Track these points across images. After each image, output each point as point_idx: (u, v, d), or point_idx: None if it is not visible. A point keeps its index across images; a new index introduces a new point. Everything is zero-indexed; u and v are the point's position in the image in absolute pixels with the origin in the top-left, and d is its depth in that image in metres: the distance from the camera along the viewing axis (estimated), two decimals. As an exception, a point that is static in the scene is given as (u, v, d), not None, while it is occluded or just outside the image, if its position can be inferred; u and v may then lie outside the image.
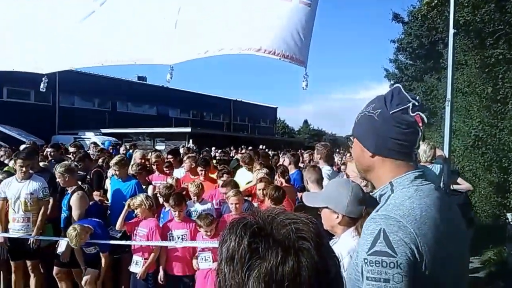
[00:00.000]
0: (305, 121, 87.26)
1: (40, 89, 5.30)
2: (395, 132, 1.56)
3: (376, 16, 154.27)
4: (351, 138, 1.73)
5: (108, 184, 6.73)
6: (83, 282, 5.35)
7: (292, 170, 7.30)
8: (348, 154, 9.19)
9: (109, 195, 6.49)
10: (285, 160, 8.57)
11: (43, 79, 5.32)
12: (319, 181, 4.75)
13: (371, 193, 1.72)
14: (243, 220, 0.95)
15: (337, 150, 27.21)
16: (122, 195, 6.00)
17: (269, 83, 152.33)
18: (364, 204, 2.49)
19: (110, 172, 6.65)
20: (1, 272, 6.27)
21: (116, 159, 6.40)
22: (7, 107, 28.75)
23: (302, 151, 11.83)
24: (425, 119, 1.56)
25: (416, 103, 1.56)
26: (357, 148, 1.69)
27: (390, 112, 1.56)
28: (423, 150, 5.22)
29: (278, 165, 8.00)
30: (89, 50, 4.96)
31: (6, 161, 7.85)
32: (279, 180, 6.41)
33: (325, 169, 5.58)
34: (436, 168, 5.14)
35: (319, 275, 0.89)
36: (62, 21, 5.17)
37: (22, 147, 8.99)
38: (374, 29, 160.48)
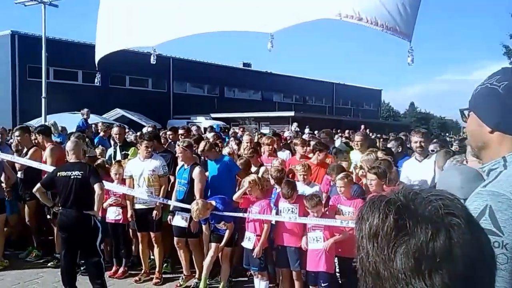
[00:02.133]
0: (412, 104, 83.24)
1: (151, 62, 5.64)
2: None
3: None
4: (466, 112, 1.58)
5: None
6: (221, 258, 5.86)
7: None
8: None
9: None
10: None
11: (153, 51, 5.68)
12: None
13: (480, 168, 1.61)
14: (384, 197, 0.95)
15: (446, 134, 25.63)
16: (217, 174, 6.24)
17: (373, 65, 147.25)
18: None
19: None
20: (134, 241, 6.94)
21: (200, 146, 6.59)
22: (129, 94, 31.40)
23: (407, 134, 11.27)
24: None
25: None
26: (473, 123, 1.54)
27: None
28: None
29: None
30: (191, 19, 5.04)
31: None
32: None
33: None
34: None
35: (473, 251, 0.87)
36: None
37: (144, 130, 9.89)
38: (490, 4, 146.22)
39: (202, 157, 6.83)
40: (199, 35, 5.32)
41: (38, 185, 5.54)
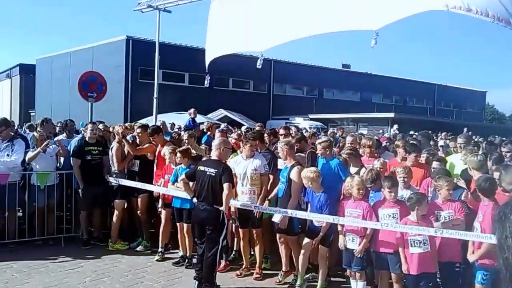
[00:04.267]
0: (519, 106, 75.96)
1: (257, 66, 5.75)
2: None
3: None
4: None
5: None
6: (319, 258, 5.99)
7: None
8: None
9: None
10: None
11: (260, 56, 5.82)
12: None
13: None
14: None
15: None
16: (329, 173, 6.22)
17: (478, 65, 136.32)
18: None
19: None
20: (235, 238, 7.22)
21: (322, 139, 6.71)
22: (232, 95, 32.43)
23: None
24: None
25: None
26: None
27: None
28: None
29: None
30: (295, 24, 5.14)
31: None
32: None
33: None
34: None
35: None
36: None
37: (243, 128, 10.15)
38: None
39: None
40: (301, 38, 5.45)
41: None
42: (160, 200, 7.42)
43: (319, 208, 5.80)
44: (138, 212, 7.91)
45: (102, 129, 9.12)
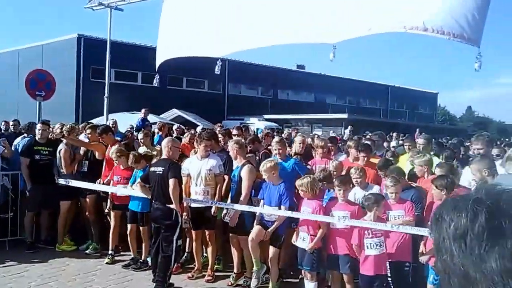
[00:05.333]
0: (469, 108, 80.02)
1: (215, 72, 5.79)
2: None
3: None
4: None
5: None
6: (269, 260, 5.94)
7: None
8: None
9: None
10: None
11: (218, 62, 5.86)
12: None
13: None
14: (467, 196, 0.91)
15: (507, 139, 24.50)
16: (284, 173, 6.24)
17: (429, 67, 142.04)
18: None
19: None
20: (187, 239, 7.11)
21: (277, 139, 6.81)
22: (186, 95, 32.12)
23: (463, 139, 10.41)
24: None
25: None
26: None
27: None
28: None
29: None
30: (255, 32, 5.18)
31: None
32: None
33: None
34: None
35: None
36: (231, 5, 5.48)
37: (198, 129, 10.13)
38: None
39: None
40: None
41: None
42: (109, 201, 7.26)
43: (279, 197, 5.78)
44: (87, 213, 7.73)
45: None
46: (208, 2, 5.88)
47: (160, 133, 10.55)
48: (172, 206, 5.78)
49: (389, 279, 5.34)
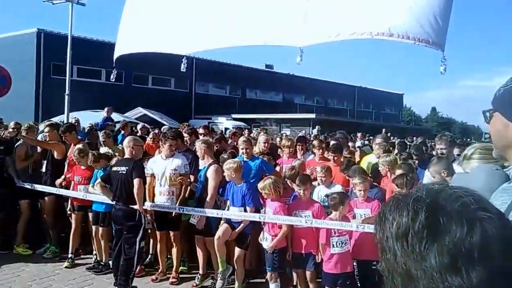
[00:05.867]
0: (433, 109, 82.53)
1: (181, 70, 5.66)
2: None
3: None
4: (488, 113, 1.59)
5: None
6: (235, 261, 5.82)
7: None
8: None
9: None
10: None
11: (183, 60, 5.75)
12: None
13: (505, 169, 1.66)
14: (408, 195, 0.93)
15: (468, 139, 25.39)
16: (250, 173, 6.23)
17: (394, 68, 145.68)
18: None
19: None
20: (151, 241, 6.97)
21: (243, 138, 6.79)
22: (152, 93, 31.70)
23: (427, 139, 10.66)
24: None
25: None
26: (498, 123, 1.55)
27: None
28: None
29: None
30: (222, 32, 5.13)
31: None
32: None
33: None
34: None
35: (509, 246, 0.85)
36: (200, 3, 5.42)
37: (163, 128, 9.94)
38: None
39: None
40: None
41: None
42: (69, 203, 7.01)
43: (242, 198, 5.72)
44: (44, 215, 7.43)
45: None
46: None
47: (123, 132, 10.28)
48: (136, 206, 5.65)
49: (356, 277, 5.35)
